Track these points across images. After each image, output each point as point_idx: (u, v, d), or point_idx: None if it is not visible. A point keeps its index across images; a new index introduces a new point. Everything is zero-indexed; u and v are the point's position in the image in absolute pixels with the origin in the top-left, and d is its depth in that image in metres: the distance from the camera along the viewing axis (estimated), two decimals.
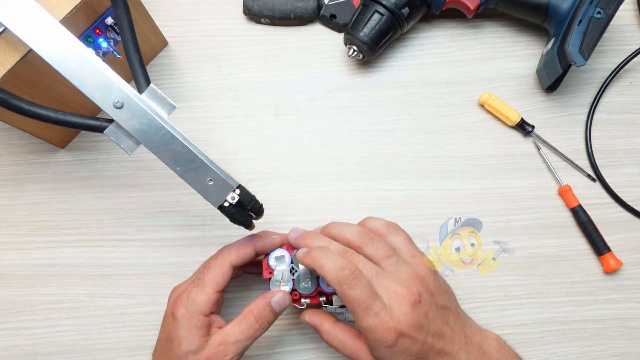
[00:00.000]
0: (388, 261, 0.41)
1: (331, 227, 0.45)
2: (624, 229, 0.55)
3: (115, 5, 0.41)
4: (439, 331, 0.39)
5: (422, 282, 0.40)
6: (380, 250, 0.42)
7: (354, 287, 0.38)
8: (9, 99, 0.38)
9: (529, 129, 0.56)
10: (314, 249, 0.41)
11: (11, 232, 0.54)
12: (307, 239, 0.43)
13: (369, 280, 0.39)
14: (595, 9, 0.51)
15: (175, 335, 0.41)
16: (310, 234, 0.44)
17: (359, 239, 0.42)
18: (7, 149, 0.55)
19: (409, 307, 0.38)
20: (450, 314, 0.41)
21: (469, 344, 0.41)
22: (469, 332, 0.42)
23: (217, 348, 0.41)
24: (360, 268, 0.40)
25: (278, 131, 0.56)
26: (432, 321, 0.39)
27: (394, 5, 0.53)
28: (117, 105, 0.38)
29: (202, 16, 0.59)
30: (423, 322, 0.39)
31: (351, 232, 0.43)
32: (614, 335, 0.53)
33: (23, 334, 0.52)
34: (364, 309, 0.38)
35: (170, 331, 0.42)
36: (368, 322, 0.38)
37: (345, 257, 0.40)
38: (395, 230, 0.45)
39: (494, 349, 0.42)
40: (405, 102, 0.57)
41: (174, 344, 0.41)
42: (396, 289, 0.39)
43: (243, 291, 0.52)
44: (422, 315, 0.39)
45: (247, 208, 0.41)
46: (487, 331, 0.44)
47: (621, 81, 0.59)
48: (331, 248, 0.41)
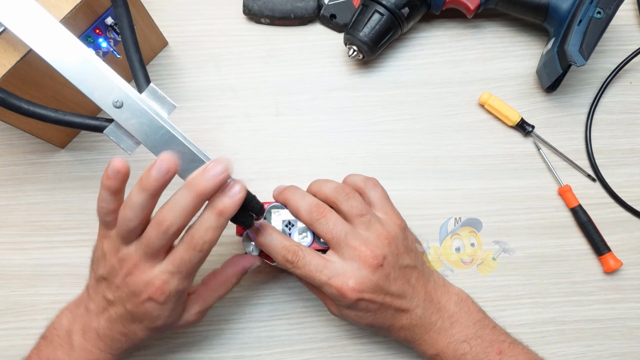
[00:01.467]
0: (361, 219, 0.42)
1: (312, 184, 0.46)
2: (624, 229, 0.55)
3: (115, 5, 0.41)
4: (399, 291, 0.42)
5: (390, 242, 0.42)
6: (354, 208, 0.42)
7: (324, 223, 0.42)
8: (9, 99, 0.38)
9: (529, 129, 0.56)
10: (288, 188, 0.44)
11: (11, 232, 0.54)
12: (286, 193, 0.44)
13: (335, 241, 0.41)
14: (595, 9, 0.51)
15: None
16: (288, 188, 0.45)
17: (335, 194, 0.43)
18: (7, 149, 0.55)
19: (370, 271, 0.40)
20: (413, 273, 0.43)
21: (427, 301, 0.43)
22: (431, 288, 0.44)
23: (194, 316, 0.42)
24: (331, 226, 0.41)
25: (278, 131, 0.56)
26: (392, 282, 0.41)
27: (394, 5, 0.53)
28: (117, 104, 0.38)
29: (202, 16, 0.59)
30: (383, 283, 0.41)
31: (329, 188, 0.44)
32: (614, 335, 0.53)
33: (23, 334, 0.52)
34: (320, 272, 0.40)
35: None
36: (327, 282, 0.40)
37: (317, 212, 0.42)
38: (373, 185, 0.46)
39: (453, 303, 0.44)
40: (405, 102, 0.57)
41: (152, 316, 0.40)
42: (362, 251, 0.41)
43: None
44: (382, 277, 0.41)
45: (248, 208, 0.41)
46: (451, 286, 0.46)
47: (621, 81, 0.59)
48: (305, 203, 0.42)
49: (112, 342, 0.41)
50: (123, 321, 0.40)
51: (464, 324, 0.43)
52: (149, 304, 0.38)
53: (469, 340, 0.43)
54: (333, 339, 0.52)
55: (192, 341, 0.51)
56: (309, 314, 0.52)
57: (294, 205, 0.43)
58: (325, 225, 0.41)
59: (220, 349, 0.51)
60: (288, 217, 0.45)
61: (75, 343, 0.41)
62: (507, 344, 0.44)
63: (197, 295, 0.43)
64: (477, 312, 0.45)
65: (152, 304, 0.38)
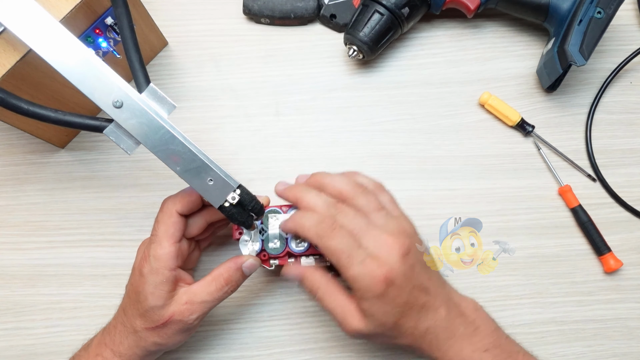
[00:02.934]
0: (379, 214, 0.41)
1: (321, 177, 0.44)
2: (624, 229, 0.55)
3: (115, 4, 0.41)
4: (424, 285, 0.40)
5: (410, 237, 0.41)
6: (372, 202, 0.42)
7: (333, 237, 0.39)
8: (9, 99, 0.38)
9: (529, 129, 0.56)
10: (297, 186, 0.43)
11: (11, 232, 0.54)
12: (296, 191, 0.43)
13: (357, 231, 0.39)
14: (596, 8, 0.51)
15: (142, 290, 0.41)
16: (298, 187, 0.44)
17: (352, 189, 0.42)
18: (7, 149, 0.55)
19: (399, 257, 0.39)
20: (432, 272, 0.42)
21: (450, 302, 0.42)
22: (449, 289, 0.43)
23: (183, 306, 0.42)
24: (349, 220, 0.40)
25: (278, 131, 0.56)
26: (417, 274, 0.40)
27: (394, 5, 0.52)
28: (117, 104, 0.38)
29: (202, 16, 0.59)
30: (410, 273, 0.39)
31: (344, 183, 0.43)
32: (614, 335, 0.53)
33: (23, 334, 0.52)
34: (347, 257, 0.38)
35: (138, 285, 0.42)
36: (354, 270, 0.38)
37: (335, 207, 0.41)
38: (381, 189, 0.45)
39: (471, 309, 0.43)
40: (405, 102, 0.57)
41: (140, 297, 0.41)
42: (386, 239, 0.39)
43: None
44: (409, 267, 0.39)
45: (248, 208, 0.41)
46: (463, 295, 0.45)
47: (621, 81, 0.59)
48: (321, 200, 0.41)
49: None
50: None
51: (484, 332, 0.42)
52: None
53: (490, 350, 0.41)
54: (333, 339, 0.52)
55: (192, 341, 0.51)
56: (309, 314, 0.52)
57: (308, 204, 0.41)
58: (345, 218, 0.40)
59: (220, 349, 0.51)
60: None
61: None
62: (522, 355, 0.43)
63: (189, 287, 0.43)
64: (493, 320, 0.43)
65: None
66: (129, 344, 0.42)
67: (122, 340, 0.43)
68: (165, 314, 0.41)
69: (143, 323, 0.42)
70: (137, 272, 0.43)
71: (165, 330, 0.42)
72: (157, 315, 0.41)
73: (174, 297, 0.42)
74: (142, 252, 0.44)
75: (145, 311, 0.41)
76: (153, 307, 0.41)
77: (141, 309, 0.41)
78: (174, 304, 0.42)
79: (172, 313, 0.41)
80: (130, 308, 0.43)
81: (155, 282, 0.41)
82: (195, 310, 0.42)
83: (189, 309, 0.42)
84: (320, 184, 0.43)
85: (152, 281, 0.41)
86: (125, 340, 0.43)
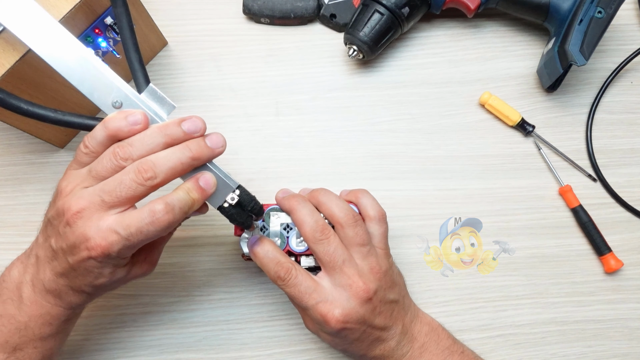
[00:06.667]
0: (361, 249, 0.43)
1: (321, 194, 0.45)
2: (624, 229, 0.55)
3: (115, 4, 0.41)
4: (381, 324, 0.43)
5: (381, 277, 0.43)
6: (358, 237, 0.43)
7: (328, 244, 0.42)
8: (8, 99, 0.38)
9: (530, 129, 0.56)
10: (295, 198, 0.44)
11: (11, 232, 0.54)
12: (294, 202, 0.44)
13: (332, 264, 0.41)
14: (596, 8, 0.51)
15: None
16: (297, 197, 0.44)
17: (345, 218, 0.43)
18: (6, 149, 0.55)
19: (359, 303, 0.41)
20: (395, 307, 0.44)
21: (402, 333, 0.44)
22: (407, 320, 0.45)
23: (145, 267, 0.41)
24: (331, 250, 0.42)
25: (278, 131, 0.56)
26: (377, 316, 0.42)
27: (394, 4, 0.52)
28: (116, 105, 0.38)
29: (202, 16, 0.59)
30: (368, 316, 0.42)
31: (339, 208, 0.43)
32: (614, 335, 0.53)
33: None
34: (313, 290, 0.41)
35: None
36: (314, 306, 0.41)
37: (322, 233, 0.42)
38: (380, 221, 0.45)
39: (424, 333, 0.46)
40: (405, 102, 0.57)
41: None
42: (355, 282, 0.41)
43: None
44: (369, 310, 0.41)
45: (247, 209, 0.41)
46: (424, 316, 0.47)
47: (622, 81, 0.58)
48: (312, 220, 0.42)
49: (60, 295, 0.39)
50: (67, 275, 0.37)
51: (433, 352, 0.45)
52: (88, 262, 0.36)
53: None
54: None
55: (192, 341, 0.51)
56: None
57: (300, 219, 0.43)
58: (327, 247, 0.42)
59: (220, 349, 0.51)
60: (287, 221, 0.45)
61: (24, 295, 0.39)
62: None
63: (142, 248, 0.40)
64: (446, 339, 0.46)
65: (92, 262, 0.36)
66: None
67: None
68: (126, 280, 0.40)
69: (92, 289, 0.39)
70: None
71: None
72: (114, 284, 0.40)
73: (132, 262, 0.41)
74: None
75: (101, 284, 0.38)
76: (110, 282, 0.39)
77: (95, 282, 0.38)
78: (134, 269, 0.41)
79: (132, 277, 0.41)
80: (72, 276, 0.38)
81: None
82: (152, 263, 0.42)
83: (150, 267, 0.42)
84: (318, 201, 0.44)
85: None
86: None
